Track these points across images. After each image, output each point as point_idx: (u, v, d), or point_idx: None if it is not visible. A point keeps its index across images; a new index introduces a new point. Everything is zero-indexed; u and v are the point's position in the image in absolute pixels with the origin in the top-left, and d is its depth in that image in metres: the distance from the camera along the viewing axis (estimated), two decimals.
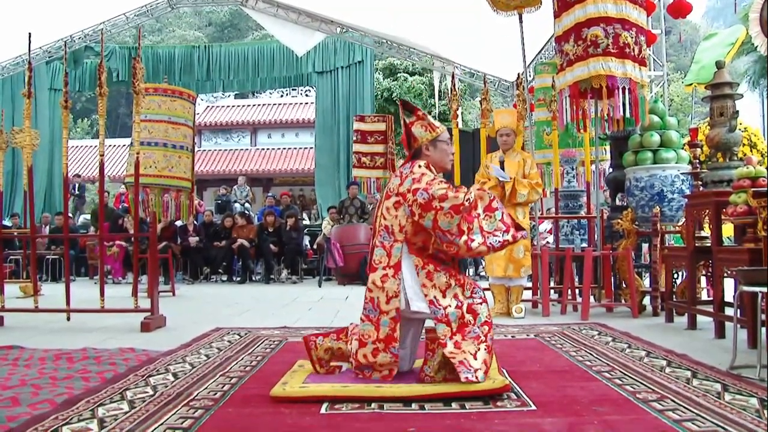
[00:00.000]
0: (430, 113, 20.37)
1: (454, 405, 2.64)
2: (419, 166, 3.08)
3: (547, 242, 8.68)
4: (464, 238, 2.89)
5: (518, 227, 3.09)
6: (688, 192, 5.53)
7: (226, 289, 9.60)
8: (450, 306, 2.90)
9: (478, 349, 2.82)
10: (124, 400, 2.71)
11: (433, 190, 2.90)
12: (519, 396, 2.77)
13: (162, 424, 2.38)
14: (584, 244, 6.82)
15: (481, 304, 2.96)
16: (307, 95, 24.88)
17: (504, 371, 3.16)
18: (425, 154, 3.18)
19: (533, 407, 2.60)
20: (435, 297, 2.91)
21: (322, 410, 2.59)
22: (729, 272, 4.26)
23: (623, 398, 2.72)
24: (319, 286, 9.79)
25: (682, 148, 5.84)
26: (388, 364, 2.92)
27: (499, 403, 2.65)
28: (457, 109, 6.76)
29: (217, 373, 3.27)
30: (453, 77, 7.15)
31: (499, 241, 2.98)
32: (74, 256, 11.49)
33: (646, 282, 6.75)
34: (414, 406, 2.64)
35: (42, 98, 15.09)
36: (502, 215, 3.04)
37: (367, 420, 2.46)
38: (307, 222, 14.66)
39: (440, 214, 2.86)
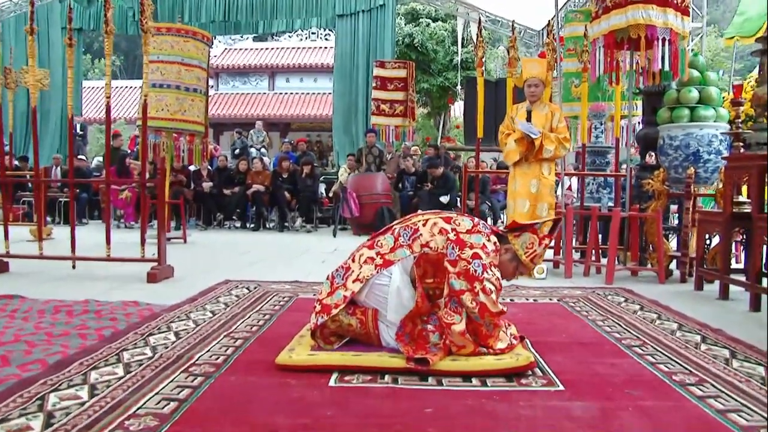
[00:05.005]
0: (451, 61, 19.89)
1: (474, 381, 2.44)
2: (495, 243, 2.75)
3: (572, 200, 8.39)
4: (461, 326, 2.59)
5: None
6: (725, 153, 5.21)
7: (238, 236, 9.44)
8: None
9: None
10: (119, 362, 2.53)
11: (488, 276, 2.61)
12: (545, 373, 2.56)
13: (157, 393, 2.20)
14: (611, 204, 6.54)
15: (434, 332, 2.68)
16: (326, 39, 24.39)
17: (527, 342, 2.95)
18: (504, 252, 2.83)
19: (561, 387, 2.39)
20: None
21: (331, 382, 2.40)
22: None
23: (658, 380, 2.50)
24: (334, 236, 9.60)
25: (722, 106, 5.49)
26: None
27: (523, 381, 2.45)
28: (483, 57, 6.40)
29: (222, 333, 3.09)
30: (480, 23, 6.76)
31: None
32: (87, 198, 11.38)
33: (672, 244, 6.49)
34: (431, 380, 2.44)
35: (55, 37, 14.76)
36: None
37: (380, 396, 2.27)
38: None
39: (469, 294, 2.58)
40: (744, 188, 4.73)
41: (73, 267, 5.07)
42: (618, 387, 2.40)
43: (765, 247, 4.43)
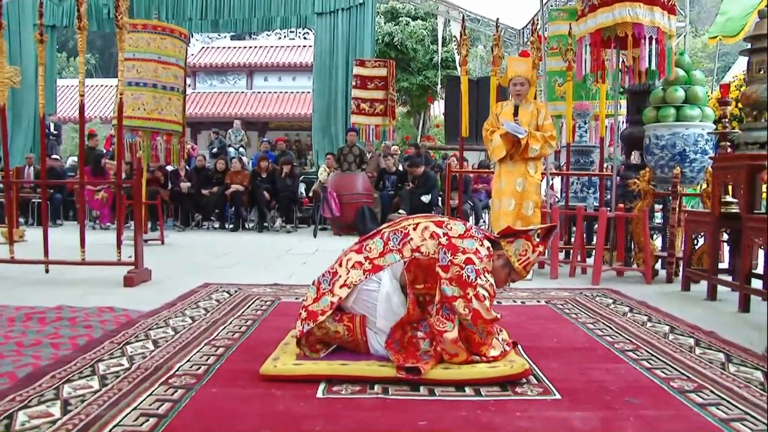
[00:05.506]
0: (431, 60, 19.82)
1: (467, 390, 2.34)
2: (488, 248, 2.64)
3: (554, 199, 8.34)
4: (453, 333, 2.49)
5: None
6: (711, 153, 5.18)
7: (217, 237, 9.27)
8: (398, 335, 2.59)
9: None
10: (95, 375, 2.40)
11: (481, 282, 2.51)
12: (540, 380, 2.47)
13: (135, 408, 2.07)
14: (597, 203, 6.49)
15: (424, 339, 2.59)
16: (305, 38, 24.22)
17: (519, 347, 2.86)
18: (496, 258, 2.71)
19: (557, 396, 2.30)
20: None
21: (319, 393, 2.29)
22: (759, 242, 3.94)
23: (656, 386, 2.42)
24: (314, 237, 9.46)
25: (707, 105, 5.46)
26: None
27: (518, 390, 2.35)
28: (466, 55, 6.31)
29: (202, 341, 2.96)
30: (463, 21, 6.69)
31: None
32: (61, 199, 11.12)
33: (657, 243, 6.46)
34: (422, 390, 2.34)
35: (27, 35, 14.37)
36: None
37: (370, 408, 2.16)
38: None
39: (461, 301, 2.48)
40: (730, 188, 4.70)
41: (47, 271, 4.90)
42: (616, 395, 2.32)
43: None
